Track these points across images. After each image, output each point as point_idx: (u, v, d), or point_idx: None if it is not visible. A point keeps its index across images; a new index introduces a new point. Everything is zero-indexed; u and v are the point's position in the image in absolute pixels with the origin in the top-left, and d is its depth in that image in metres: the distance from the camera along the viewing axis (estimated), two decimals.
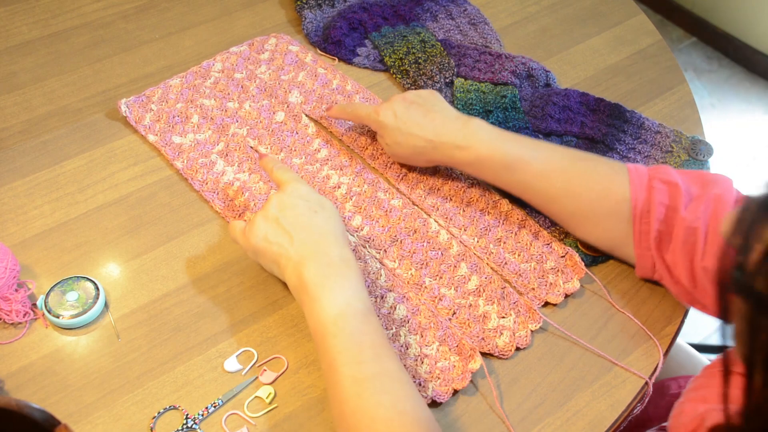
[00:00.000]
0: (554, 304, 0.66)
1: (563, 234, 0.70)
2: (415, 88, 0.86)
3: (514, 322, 0.64)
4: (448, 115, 0.69)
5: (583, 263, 0.67)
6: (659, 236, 0.62)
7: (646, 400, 0.62)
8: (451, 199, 0.73)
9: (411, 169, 0.76)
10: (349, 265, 0.59)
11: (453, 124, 0.68)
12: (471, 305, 0.65)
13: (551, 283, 0.66)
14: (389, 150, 0.72)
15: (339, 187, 0.74)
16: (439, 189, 0.74)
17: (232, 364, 0.61)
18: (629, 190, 0.63)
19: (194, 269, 0.67)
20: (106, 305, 0.64)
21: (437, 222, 0.72)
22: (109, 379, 0.60)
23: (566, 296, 0.66)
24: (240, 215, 0.71)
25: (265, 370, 0.60)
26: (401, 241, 0.69)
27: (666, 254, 0.62)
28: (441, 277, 0.67)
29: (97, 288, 0.64)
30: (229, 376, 0.60)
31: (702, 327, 1.52)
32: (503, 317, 0.64)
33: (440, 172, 0.76)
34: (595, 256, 0.69)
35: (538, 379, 0.61)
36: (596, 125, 0.81)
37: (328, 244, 0.59)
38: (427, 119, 0.68)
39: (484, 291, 0.66)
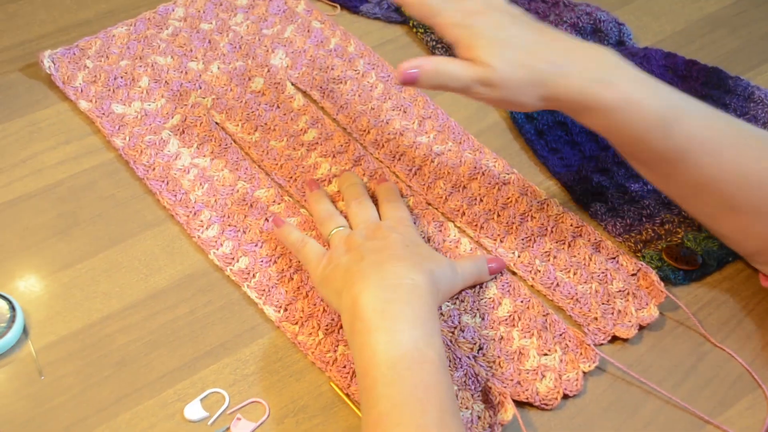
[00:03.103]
0: (624, 339, 0.68)
1: (640, 243, 0.73)
2: (442, 46, 0.88)
3: (561, 360, 0.66)
4: (568, 37, 0.66)
5: (662, 284, 0.69)
6: None
7: None
8: (481, 200, 0.76)
9: (426, 161, 0.78)
10: (422, 295, 0.61)
11: (582, 48, 0.64)
12: (502, 338, 0.67)
13: (620, 311, 0.69)
14: (487, 75, 0.61)
15: (330, 181, 0.77)
16: (465, 186, 0.77)
17: (195, 410, 0.63)
18: None
19: (146, 284, 0.70)
20: (24, 331, 0.66)
21: (459, 228, 0.74)
22: None
23: (641, 328, 0.68)
24: (196, 213, 0.73)
25: (240, 419, 0.62)
26: None
27: None
28: (462, 301, 0.69)
29: (12, 308, 0.66)
30: (191, 427, 0.62)
31: None
32: (545, 354, 0.66)
33: (466, 164, 0.79)
34: (688, 271, 0.71)
35: None
36: None
37: (401, 266, 0.62)
38: (546, 37, 0.64)
39: (519, 319, 0.68)
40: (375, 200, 0.74)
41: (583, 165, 0.79)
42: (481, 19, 0.63)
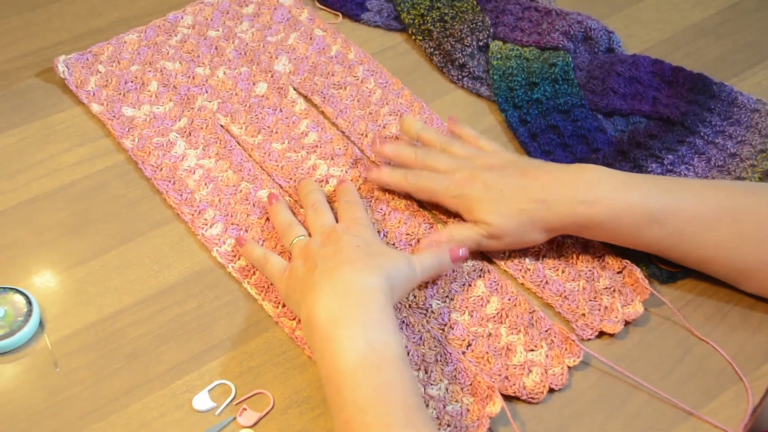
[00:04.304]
0: (611, 335, 0.68)
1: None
2: (440, 52, 0.89)
3: (547, 356, 0.66)
4: (552, 168, 0.70)
5: (646, 281, 0.70)
6: None
7: None
8: None
9: None
10: (374, 296, 0.61)
11: (564, 175, 0.69)
12: (491, 335, 0.68)
13: (606, 307, 0.69)
14: (489, 230, 0.70)
15: (327, 181, 0.77)
16: None
17: (202, 401, 0.63)
18: None
19: (156, 280, 0.70)
20: (40, 324, 0.67)
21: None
22: (42, 421, 0.62)
23: (627, 323, 0.69)
24: (200, 212, 0.74)
25: (245, 409, 0.63)
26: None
27: None
28: (452, 299, 0.70)
29: (29, 302, 0.67)
30: (198, 417, 0.63)
31: None
32: (532, 350, 0.67)
33: None
34: (673, 272, 0.71)
35: (590, 430, 0.63)
36: (673, 102, 0.83)
37: (351, 270, 0.62)
38: (529, 178, 0.69)
39: (507, 316, 0.69)
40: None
41: None
42: (471, 185, 0.70)
